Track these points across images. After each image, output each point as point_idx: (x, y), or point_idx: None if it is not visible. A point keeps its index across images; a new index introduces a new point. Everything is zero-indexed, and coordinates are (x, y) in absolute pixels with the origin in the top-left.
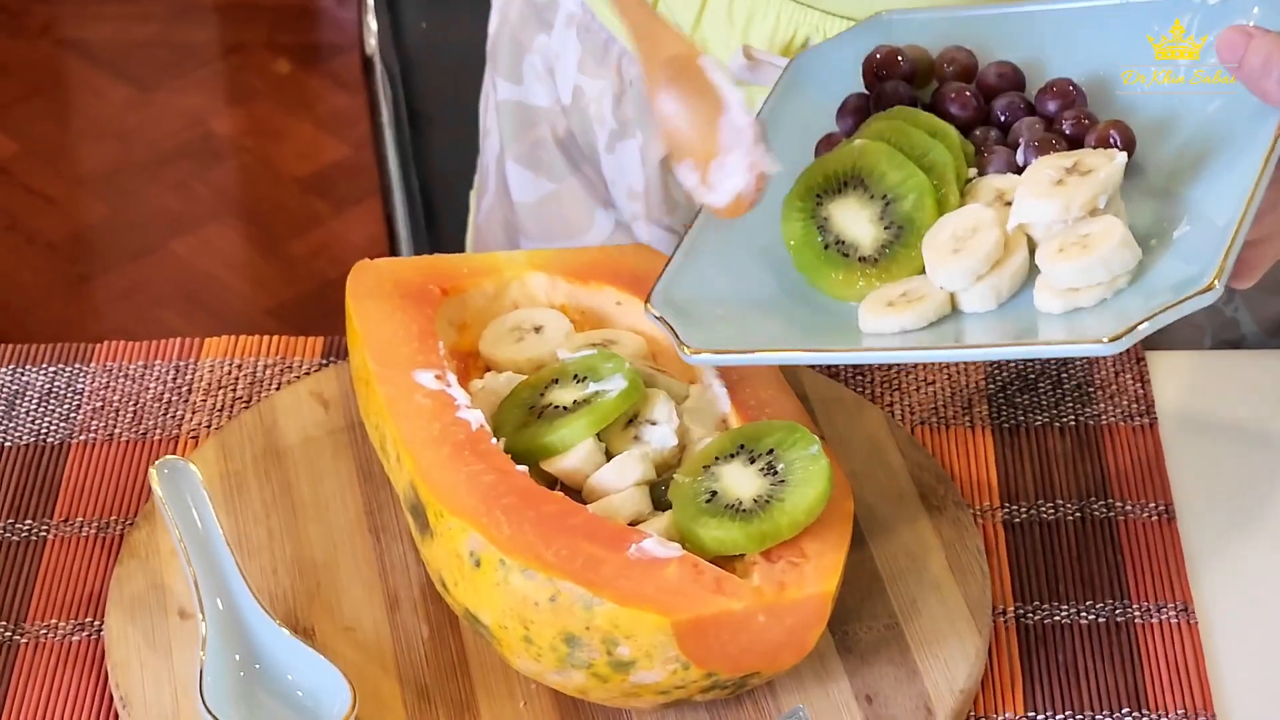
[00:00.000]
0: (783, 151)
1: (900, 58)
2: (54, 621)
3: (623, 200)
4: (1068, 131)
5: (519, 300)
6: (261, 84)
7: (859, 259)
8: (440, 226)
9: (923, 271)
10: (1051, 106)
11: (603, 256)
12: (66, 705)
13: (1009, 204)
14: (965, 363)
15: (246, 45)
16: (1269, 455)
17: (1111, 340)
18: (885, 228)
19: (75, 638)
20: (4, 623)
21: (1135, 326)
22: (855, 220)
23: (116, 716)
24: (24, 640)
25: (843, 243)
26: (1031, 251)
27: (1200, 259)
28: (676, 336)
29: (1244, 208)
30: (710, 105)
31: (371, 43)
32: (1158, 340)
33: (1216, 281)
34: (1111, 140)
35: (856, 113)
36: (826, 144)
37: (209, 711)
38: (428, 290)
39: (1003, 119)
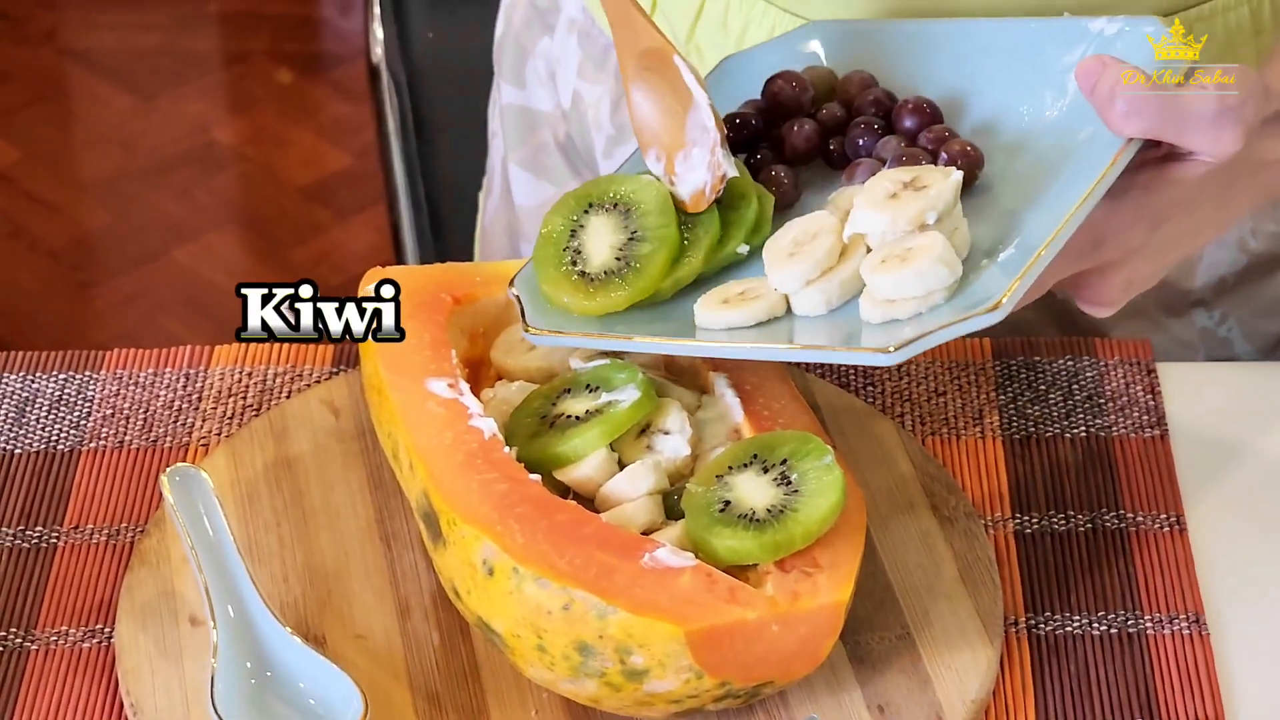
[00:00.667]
0: None
1: (794, 84)
2: (64, 628)
3: None
4: (928, 148)
5: None
6: (264, 93)
7: (580, 272)
8: (446, 235)
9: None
10: (909, 124)
11: None
12: (77, 712)
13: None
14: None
15: (249, 54)
16: (1278, 465)
17: (896, 349)
18: (617, 258)
19: (86, 644)
20: (15, 629)
21: (913, 341)
22: (599, 240)
23: None
24: (35, 647)
25: (580, 253)
26: None
27: (1003, 279)
28: (524, 316)
29: (1055, 231)
30: (680, 100)
31: (378, 51)
32: (1168, 353)
33: (1005, 300)
34: (955, 159)
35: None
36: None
37: (220, 719)
38: (439, 299)
39: (860, 142)
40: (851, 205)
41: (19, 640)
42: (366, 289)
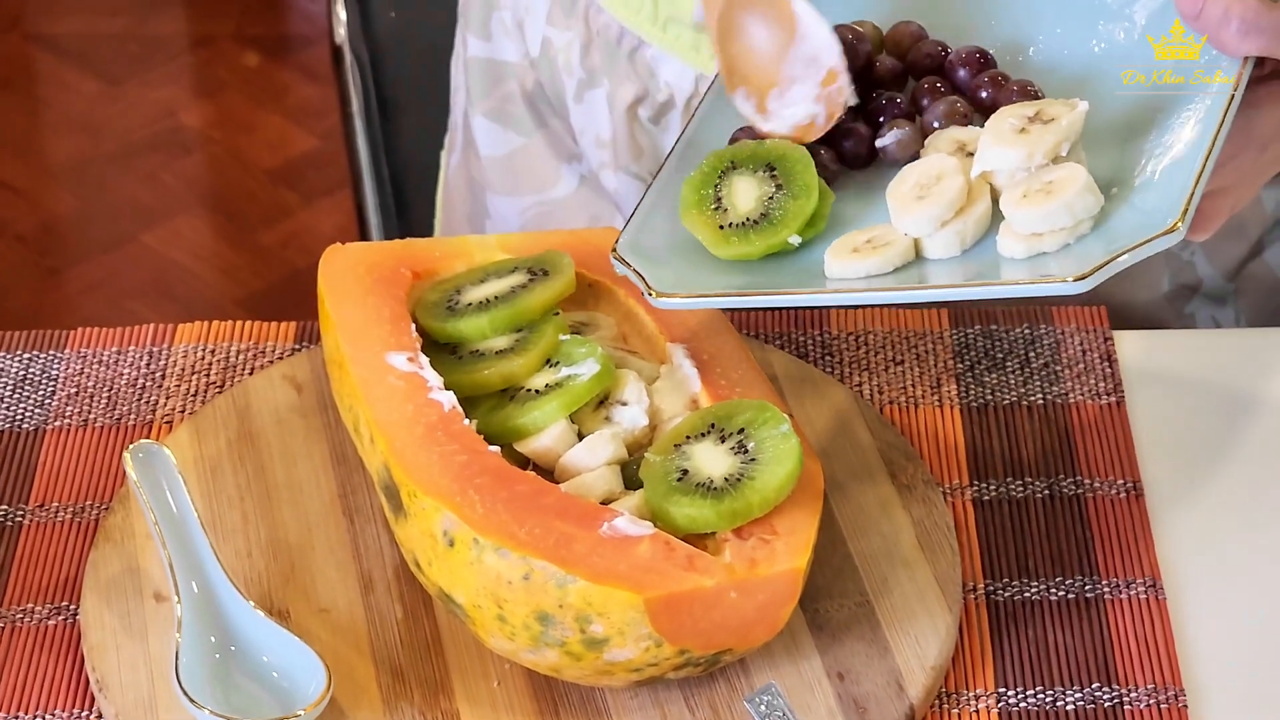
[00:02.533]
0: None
1: (852, 35)
2: (30, 606)
3: (590, 149)
4: (986, 95)
5: None
6: (230, 76)
7: (729, 223)
8: (410, 213)
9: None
10: (963, 73)
11: (573, 239)
12: (43, 689)
13: (970, 154)
14: (931, 304)
15: (215, 38)
16: (1235, 432)
17: (1077, 279)
18: (766, 201)
19: (51, 622)
20: None
21: (1101, 266)
22: (744, 192)
23: (93, 699)
24: (0, 624)
25: (721, 202)
26: (994, 199)
27: (1163, 203)
28: (644, 281)
29: (1205, 154)
30: (784, 34)
31: (341, 32)
32: (1123, 315)
33: (1179, 224)
34: (1031, 92)
35: None
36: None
37: (185, 694)
38: (399, 273)
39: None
40: (954, 147)
41: None
42: (327, 263)
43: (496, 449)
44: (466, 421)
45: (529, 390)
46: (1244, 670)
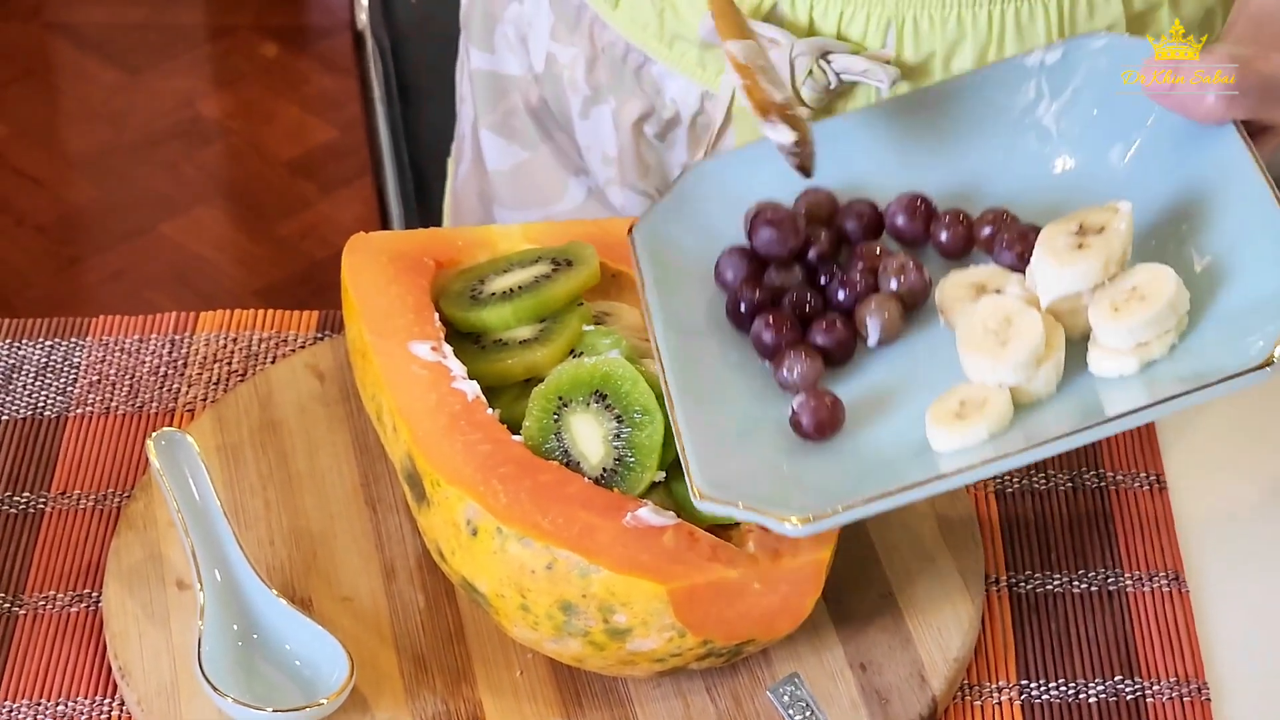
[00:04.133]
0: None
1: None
2: (52, 593)
3: (597, 166)
4: (945, 239)
5: None
6: (249, 67)
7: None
8: (431, 201)
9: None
10: (903, 221)
11: (596, 229)
12: (65, 676)
13: (997, 291)
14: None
15: (234, 28)
16: (1259, 424)
17: (1264, 365)
18: (614, 443)
19: (74, 609)
20: (3, 594)
21: None
22: (587, 438)
23: (115, 687)
24: (23, 611)
25: (570, 455)
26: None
27: (1263, 261)
28: (773, 518)
29: (1272, 192)
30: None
31: (362, 18)
32: None
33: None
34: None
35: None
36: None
37: (208, 681)
38: (423, 262)
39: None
40: (973, 291)
41: (7, 605)
42: (351, 252)
43: (519, 438)
44: (490, 411)
45: None
46: (1267, 663)
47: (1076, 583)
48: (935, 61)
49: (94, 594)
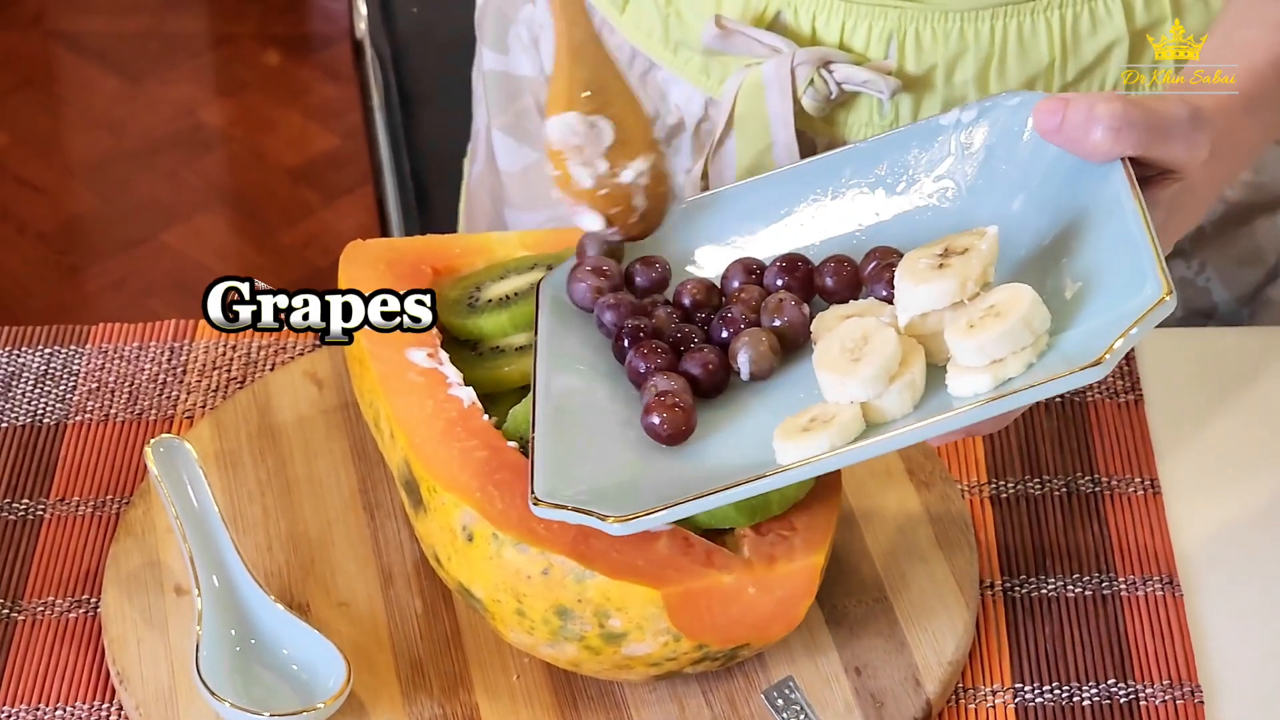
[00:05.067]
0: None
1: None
2: (51, 599)
3: None
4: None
5: None
6: (251, 75)
7: None
8: (431, 209)
9: None
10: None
11: None
12: (64, 681)
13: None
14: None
15: (236, 36)
16: (1252, 429)
17: (1093, 364)
18: None
19: (72, 614)
20: (2, 600)
21: (1113, 345)
22: None
23: (113, 692)
24: (21, 617)
25: None
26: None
27: (1129, 288)
28: (595, 515)
29: (1145, 225)
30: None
31: (362, 27)
32: None
33: (1167, 295)
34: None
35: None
36: None
37: (205, 686)
38: (420, 269)
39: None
40: (839, 321)
41: (6, 611)
42: (348, 259)
43: (515, 444)
44: (486, 417)
45: None
46: (1260, 667)
47: (1071, 586)
48: (937, 73)
49: (93, 600)
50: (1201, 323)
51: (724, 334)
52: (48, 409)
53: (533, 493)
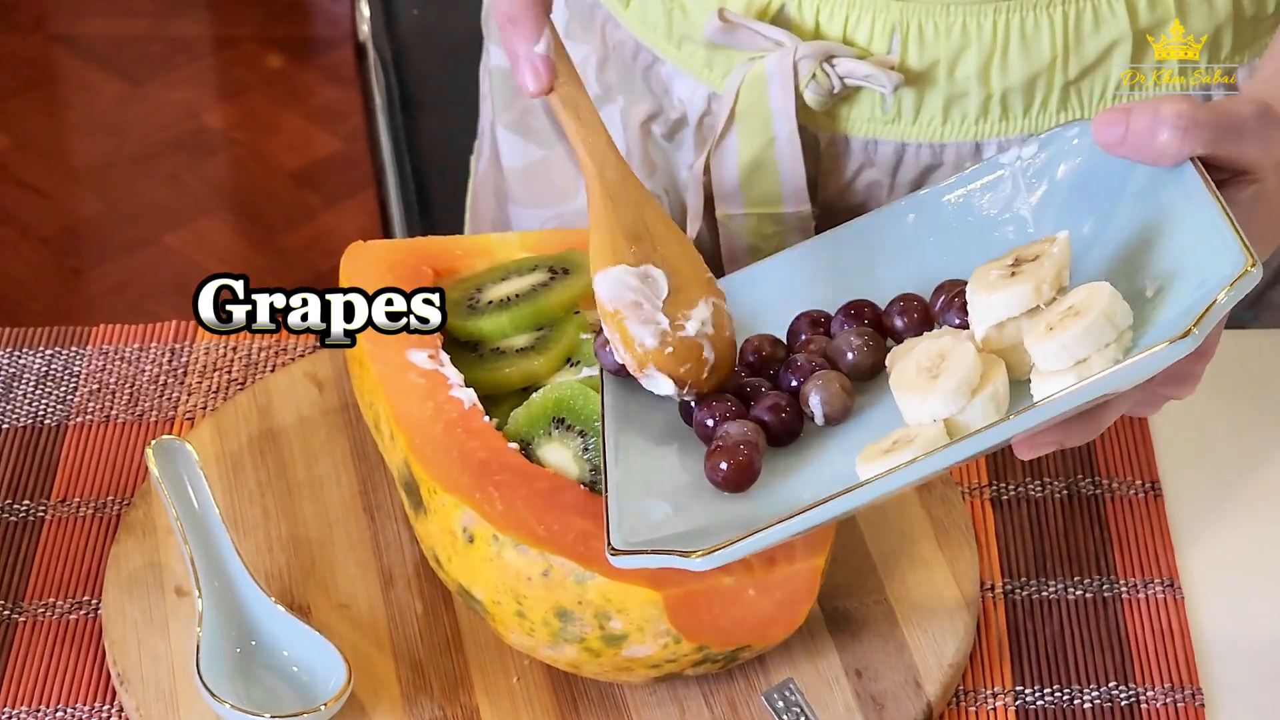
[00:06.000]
0: None
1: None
2: (52, 600)
3: None
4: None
5: None
6: (253, 78)
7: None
8: (433, 212)
9: None
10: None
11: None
12: (64, 682)
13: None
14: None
15: (238, 40)
16: (1254, 432)
17: (1183, 336)
18: (587, 461)
19: (73, 616)
20: (3, 601)
21: (1201, 316)
22: (561, 459)
23: (114, 693)
24: (22, 619)
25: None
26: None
27: (1214, 267)
28: (679, 555)
29: (1222, 209)
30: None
31: (364, 30)
32: None
33: (1251, 265)
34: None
35: None
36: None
37: (206, 688)
38: (420, 271)
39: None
40: (910, 347)
41: (7, 612)
42: (349, 261)
43: (515, 445)
44: (486, 419)
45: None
46: (1261, 670)
47: (1071, 589)
48: (940, 68)
49: (93, 601)
50: None
51: (793, 382)
52: (48, 410)
53: (610, 545)
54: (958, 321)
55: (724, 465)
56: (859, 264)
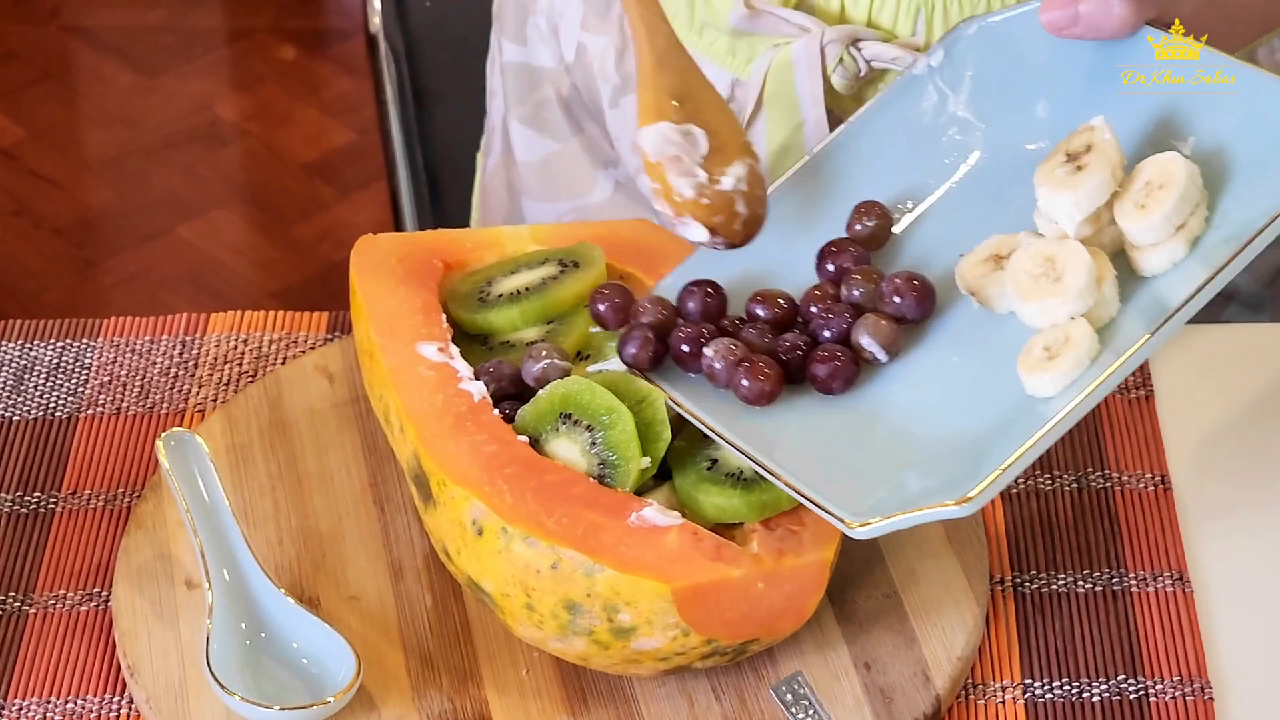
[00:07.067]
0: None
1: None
2: (62, 592)
3: (627, 154)
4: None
5: None
6: (267, 69)
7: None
8: (445, 203)
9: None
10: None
11: (604, 231)
12: (75, 674)
13: (1002, 257)
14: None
15: (252, 31)
16: (1263, 425)
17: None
18: (595, 454)
19: (83, 608)
20: (13, 593)
21: None
22: (570, 453)
23: (124, 685)
24: (33, 610)
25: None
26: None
27: (1246, 112)
28: (938, 506)
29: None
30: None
31: (375, 22)
32: None
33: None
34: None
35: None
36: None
37: (216, 680)
38: (431, 264)
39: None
40: (989, 254)
41: (18, 604)
42: (359, 254)
43: (525, 439)
44: (496, 412)
45: None
46: (1270, 663)
47: (1081, 582)
48: None
49: (104, 593)
50: (1223, 304)
51: (826, 333)
52: (60, 403)
53: (845, 524)
54: (860, 227)
55: (748, 383)
56: (817, 207)
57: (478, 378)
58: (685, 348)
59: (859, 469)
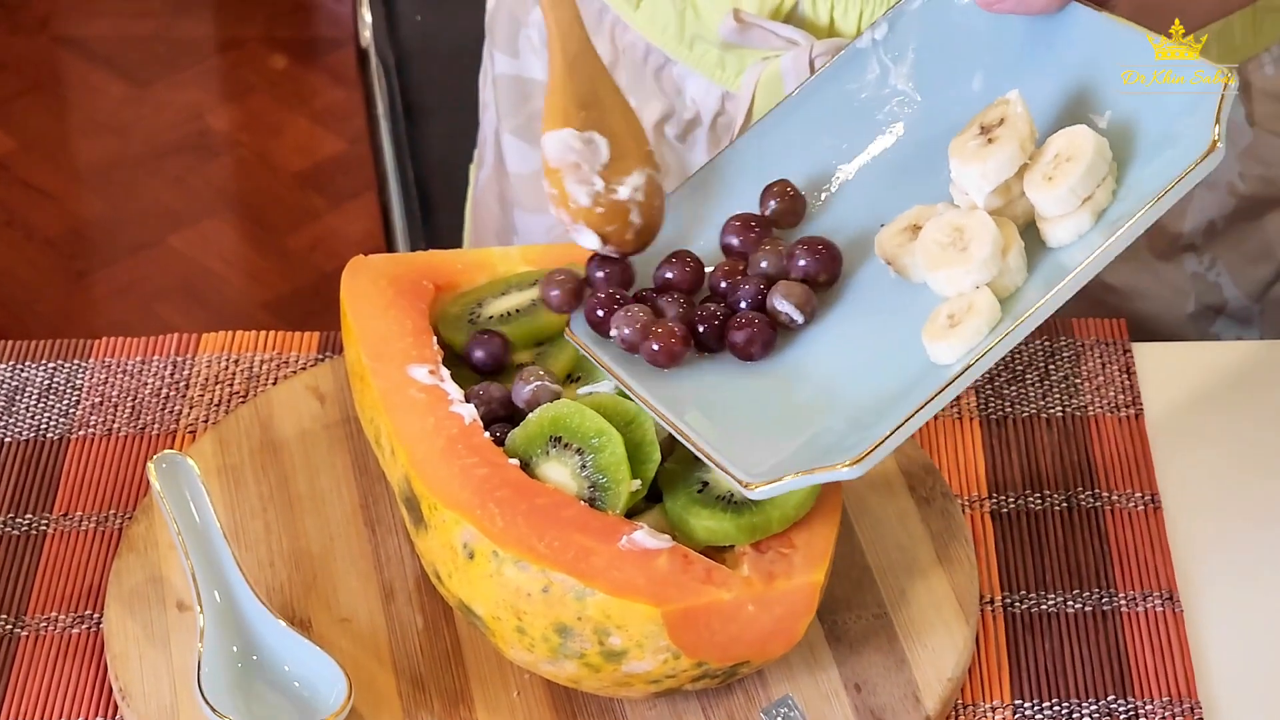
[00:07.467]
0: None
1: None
2: (54, 614)
3: None
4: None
5: None
6: (258, 79)
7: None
8: (436, 217)
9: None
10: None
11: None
12: (66, 697)
13: (920, 228)
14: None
15: (243, 41)
16: (1253, 445)
17: (1211, 150)
18: (585, 478)
19: (75, 630)
20: (4, 615)
21: (1216, 121)
22: (560, 476)
23: (116, 708)
24: (24, 633)
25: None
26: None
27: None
28: (825, 469)
29: (1134, 27)
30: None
31: (366, 35)
32: (1148, 333)
33: (1218, 140)
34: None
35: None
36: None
37: (207, 703)
38: (422, 286)
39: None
40: (906, 226)
41: (9, 626)
42: (350, 276)
43: (516, 462)
44: (487, 434)
45: None
46: (1260, 683)
47: (1071, 602)
48: None
49: (95, 615)
50: (1212, 317)
51: (743, 303)
52: (51, 424)
53: (743, 485)
54: (767, 209)
55: (740, 337)
56: (749, 184)
57: (468, 400)
58: (600, 313)
59: (771, 432)
